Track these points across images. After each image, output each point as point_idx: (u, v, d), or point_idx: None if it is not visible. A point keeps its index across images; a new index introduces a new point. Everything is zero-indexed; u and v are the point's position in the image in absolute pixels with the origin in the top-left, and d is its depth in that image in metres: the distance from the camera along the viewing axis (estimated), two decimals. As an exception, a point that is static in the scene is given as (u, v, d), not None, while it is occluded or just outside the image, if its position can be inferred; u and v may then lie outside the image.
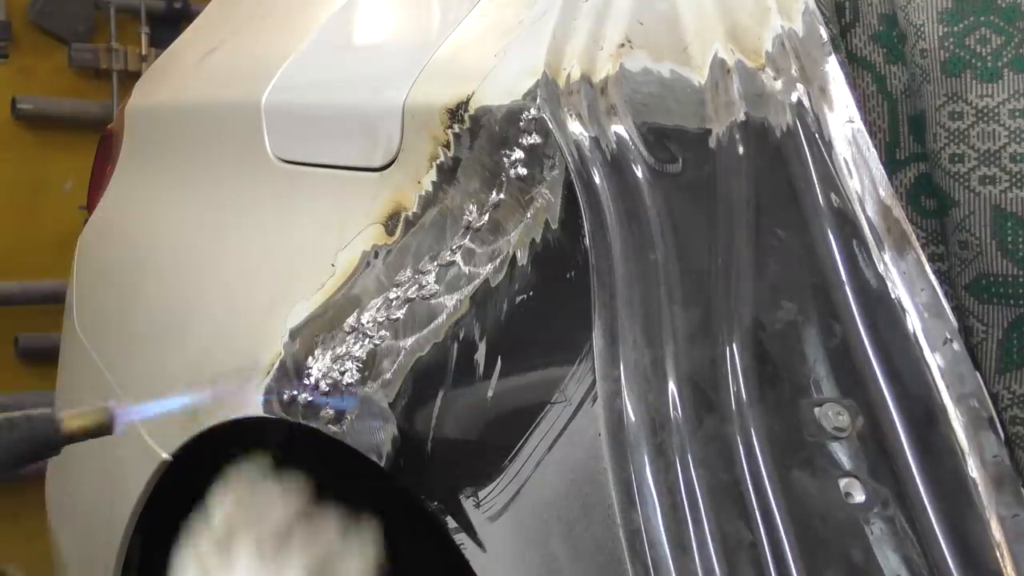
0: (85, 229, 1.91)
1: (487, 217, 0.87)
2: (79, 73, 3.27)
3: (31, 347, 3.11)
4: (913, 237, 0.77)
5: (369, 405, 0.88)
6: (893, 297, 0.75)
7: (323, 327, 0.96)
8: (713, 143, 0.82)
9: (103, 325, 1.65)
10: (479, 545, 0.76)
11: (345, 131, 1.09)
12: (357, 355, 0.91)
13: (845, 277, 0.76)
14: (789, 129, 0.81)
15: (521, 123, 0.85)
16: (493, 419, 0.80)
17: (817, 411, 0.71)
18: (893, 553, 0.66)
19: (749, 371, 0.71)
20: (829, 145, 0.80)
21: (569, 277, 0.79)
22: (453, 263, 0.88)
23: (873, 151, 0.80)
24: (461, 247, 0.88)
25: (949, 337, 0.73)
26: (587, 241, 0.77)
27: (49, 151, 3.20)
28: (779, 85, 0.83)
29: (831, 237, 0.77)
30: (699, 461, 0.68)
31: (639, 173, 0.80)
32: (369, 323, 0.92)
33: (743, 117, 0.82)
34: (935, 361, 0.73)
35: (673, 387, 0.71)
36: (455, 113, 0.91)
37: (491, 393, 0.79)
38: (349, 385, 0.90)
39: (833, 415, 0.70)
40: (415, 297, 0.90)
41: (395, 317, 0.90)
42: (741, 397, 0.71)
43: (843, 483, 0.68)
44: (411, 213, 0.96)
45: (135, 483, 1.24)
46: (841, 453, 0.70)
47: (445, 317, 0.86)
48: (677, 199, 0.79)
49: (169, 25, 3.20)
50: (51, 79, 3.24)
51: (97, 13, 3.25)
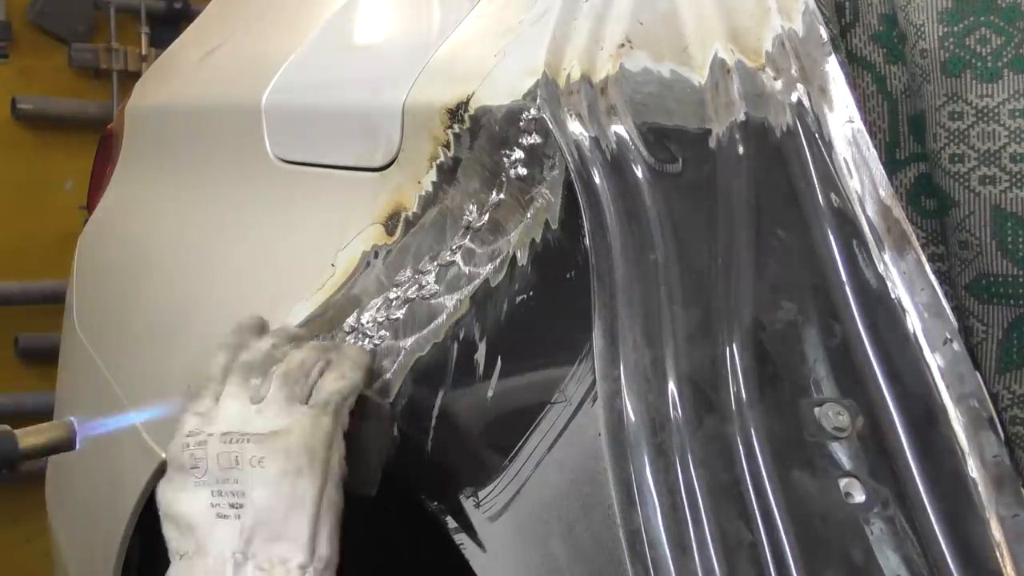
0: (85, 229, 1.91)
1: (487, 217, 0.87)
2: (79, 73, 3.27)
3: (31, 347, 3.11)
4: (913, 237, 0.77)
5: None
6: (893, 297, 0.75)
7: (323, 327, 0.96)
8: (713, 143, 0.82)
9: (103, 325, 1.65)
10: (479, 545, 0.76)
11: (345, 131, 1.09)
12: (357, 355, 0.91)
13: (845, 277, 0.76)
14: (789, 129, 0.81)
15: (521, 123, 0.84)
16: (493, 419, 0.80)
17: (817, 411, 0.71)
18: (893, 553, 0.66)
19: (749, 371, 0.71)
20: (829, 145, 0.80)
21: (569, 277, 0.79)
22: (453, 263, 0.88)
23: (873, 151, 0.80)
24: (461, 247, 0.88)
25: (949, 337, 0.73)
26: (587, 241, 0.77)
27: (49, 151, 3.20)
28: (779, 85, 0.83)
29: (831, 237, 0.77)
30: (699, 461, 0.68)
31: (639, 173, 0.80)
32: (369, 323, 0.92)
33: (743, 117, 0.82)
34: (935, 361, 0.73)
35: (673, 387, 0.71)
36: (455, 113, 0.91)
37: (491, 393, 0.79)
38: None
39: (833, 415, 0.70)
40: (415, 297, 0.90)
41: (395, 317, 0.90)
42: (741, 397, 0.70)
43: (843, 483, 0.68)
44: (411, 213, 0.96)
45: (135, 483, 1.24)
46: (841, 453, 0.69)
47: (445, 317, 0.86)
48: (677, 199, 0.79)
49: (169, 25, 3.20)
50: (51, 79, 3.24)
51: (97, 13, 3.26)
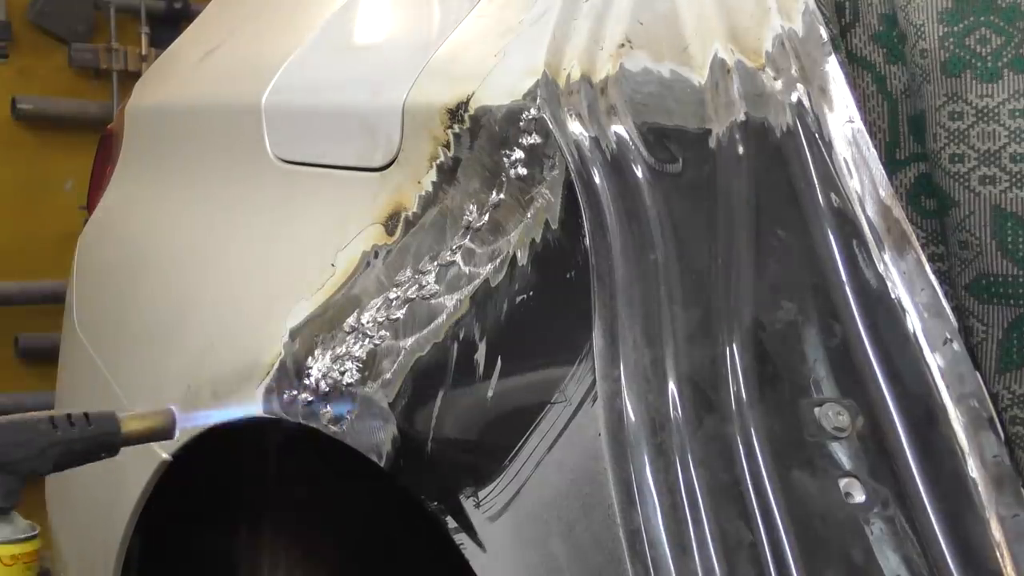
0: (85, 229, 1.91)
1: (487, 217, 0.87)
2: (79, 73, 3.27)
3: (31, 347, 3.11)
4: (913, 237, 0.77)
5: (369, 405, 0.88)
6: (893, 297, 0.75)
7: (323, 327, 0.96)
8: (713, 143, 0.82)
9: (103, 325, 1.65)
10: (479, 545, 0.76)
11: (345, 131, 1.09)
12: (357, 355, 0.91)
13: (845, 277, 0.76)
14: (789, 129, 0.81)
15: (521, 123, 0.84)
16: (493, 419, 0.80)
17: (817, 411, 0.71)
18: (893, 553, 0.66)
19: (749, 371, 0.71)
20: (829, 145, 0.80)
21: (569, 277, 0.79)
22: (453, 263, 0.88)
23: (873, 151, 0.80)
24: (461, 247, 0.88)
25: (949, 337, 0.73)
26: (587, 241, 0.77)
27: (49, 151, 3.20)
28: (779, 85, 0.83)
29: (831, 237, 0.77)
30: (699, 461, 0.68)
31: (639, 173, 0.80)
32: (369, 323, 0.92)
33: (743, 117, 0.82)
34: (935, 361, 0.73)
35: (673, 387, 0.71)
36: (455, 113, 0.91)
37: (491, 393, 0.79)
38: (349, 385, 0.90)
39: (833, 415, 0.70)
40: (415, 297, 0.90)
41: (395, 317, 0.90)
42: (741, 397, 0.70)
43: (843, 483, 0.68)
44: (411, 213, 0.96)
45: (135, 483, 1.23)
46: (841, 453, 0.69)
47: (445, 317, 0.86)
48: (677, 199, 0.79)
49: (169, 25, 3.20)
50: (51, 79, 3.24)
51: (97, 13, 3.26)
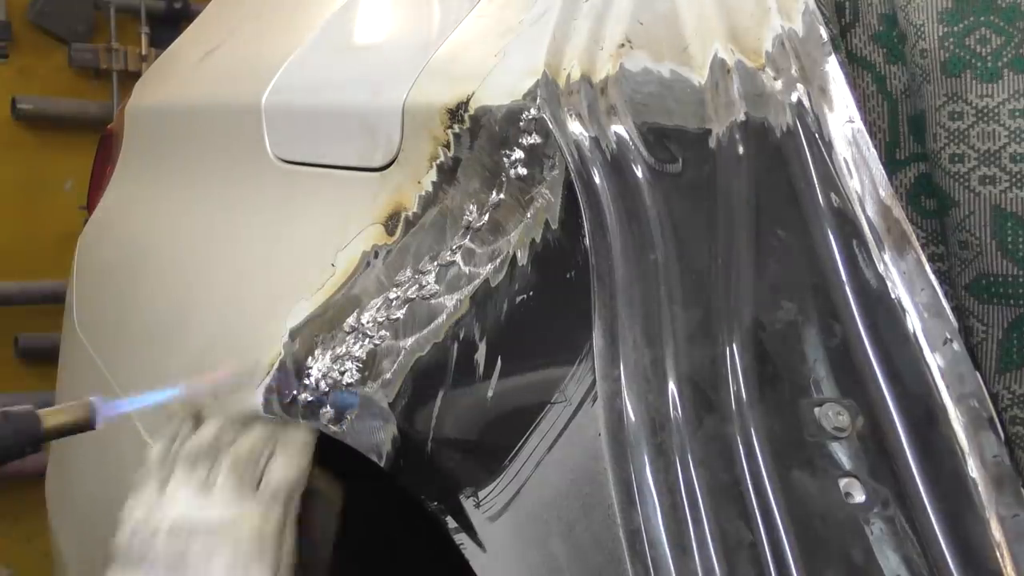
0: (85, 229, 1.92)
1: (487, 217, 0.87)
2: (79, 73, 3.27)
3: (31, 347, 3.11)
4: (913, 237, 0.77)
5: (369, 405, 0.88)
6: (893, 297, 0.75)
7: (323, 327, 0.96)
8: (713, 143, 0.82)
9: (103, 325, 1.66)
10: (479, 545, 0.76)
11: (345, 131, 1.09)
12: (357, 355, 0.91)
13: (845, 277, 0.76)
14: (789, 129, 0.81)
15: (521, 123, 0.84)
16: (493, 419, 0.80)
17: (817, 411, 0.71)
18: (893, 553, 0.66)
19: (749, 371, 0.71)
20: (829, 145, 0.80)
21: (569, 277, 0.79)
22: (453, 263, 0.88)
23: (873, 151, 0.80)
24: (461, 247, 0.88)
25: (949, 337, 0.73)
26: (587, 241, 0.77)
27: (49, 151, 3.21)
28: (779, 85, 0.83)
29: (831, 237, 0.77)
30: (699, 461, 0.68)
31: (639, 173, 0.80)
32: (369, 323, 0.92)
33: (743, 117, 0.82)
34: (935, 361, 0.73)
35: (673, 387, 0.71)
36: (455, 113, 0.91)
37: (491, 393, 0.79)
38: (349, 385, 0.90)
39: (833, 415, 0.70)
40: (415, 297, 0.90)
41: (395, 317, 0.90)
42: (741, 397, 0.70)
43: (843, 483, 0.68)
44: (411, 213, 0.96)
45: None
46: (841, 453, 0.69)
47: (445, 317, 0.86)
48: (677, 199, 0.79)
49: (169, 25, 3.21)
50: (51, 79, 3.25)
51: (97, 13, 3.26)
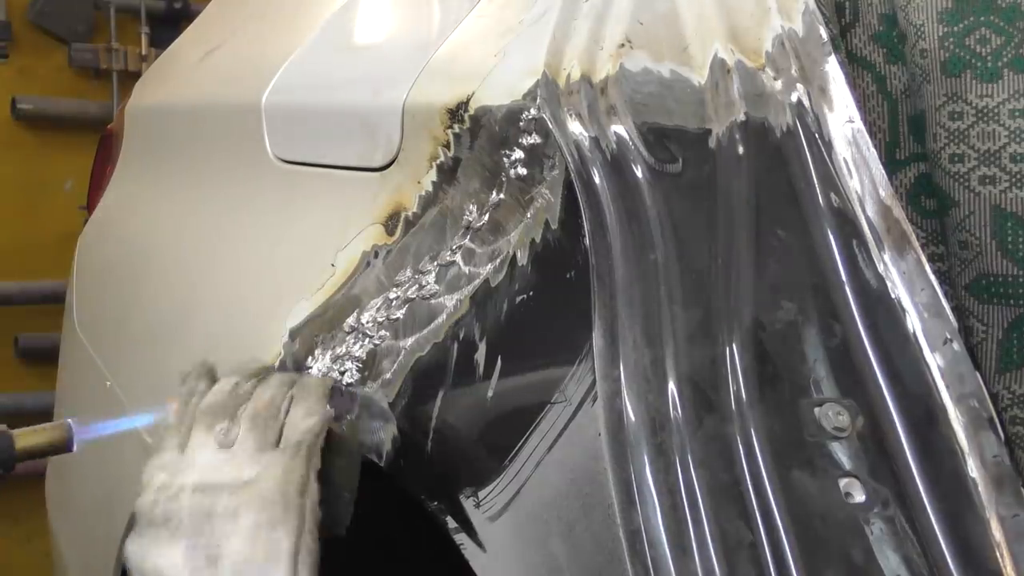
0: (85, 229, 1.92)
1: (487, 217, 0.87)
2: (79, 73, 3.27)
3: (31, 347, 3.11)
4: (913, 237, 0.77)
5: (369, 405, 0.88)
6: (893, 297, 0.75)
7: (323, 327, 0.96)
8: (713, 143, 0.82)
9: (103, 325, 1.66)
10: (479, 545, 0.76)
11: (345, 131, 1.09)
12: (357, 355, 0.91)
13: (845, 277, 0.76)
14: (789, 129, 0.81)
15: (521, 123, 0.84)
16: (493, 419, 0.80)
17: (817, 411, 0.71)
18: (893, 553, 0.66)
19: (749, 371, 0.71)
20: (829, 145, 0.80)
21: (569, 277, 0.79)
22: (453, 263, 0.88)
23: (873, 151, 0.80)
24: (461, 247, 0.88)
25: (949, 337, 0.73)
26: (587, 241, 0.77)
27: (49, 151, 3.21)
28: (779, 85, 0.83)
29: (831, 237, 0.77)
30: (699, 461, 0.68)
31: (639, 173, 0.80)
32: (369, 323, 0.92)
33: (743, 117, 0.82)
34: (935, 361, 0.73)
35: (673, 387, 0.71)
36: (455, 113, 0.91)
37: (491, 393, 0.79)
38: (349, 385, 0.90)
39: (833, 415, 0.70)
40: (415, 297, 0.90)
41: (395, 317, 0.90)
42: (741, 397, 0.70)
43: (843, 483, 0.68)
44: (411, 213, 0.96)
45: (135, 483, 1.23)
46: (841, 453, 0.69)
47: (445, 317, 0.86)
48: (677, 199, 0.79)
49: (169, 25, 3.21)
50: (51, 79, 3.25)
51: (97, 13, 3.26)
